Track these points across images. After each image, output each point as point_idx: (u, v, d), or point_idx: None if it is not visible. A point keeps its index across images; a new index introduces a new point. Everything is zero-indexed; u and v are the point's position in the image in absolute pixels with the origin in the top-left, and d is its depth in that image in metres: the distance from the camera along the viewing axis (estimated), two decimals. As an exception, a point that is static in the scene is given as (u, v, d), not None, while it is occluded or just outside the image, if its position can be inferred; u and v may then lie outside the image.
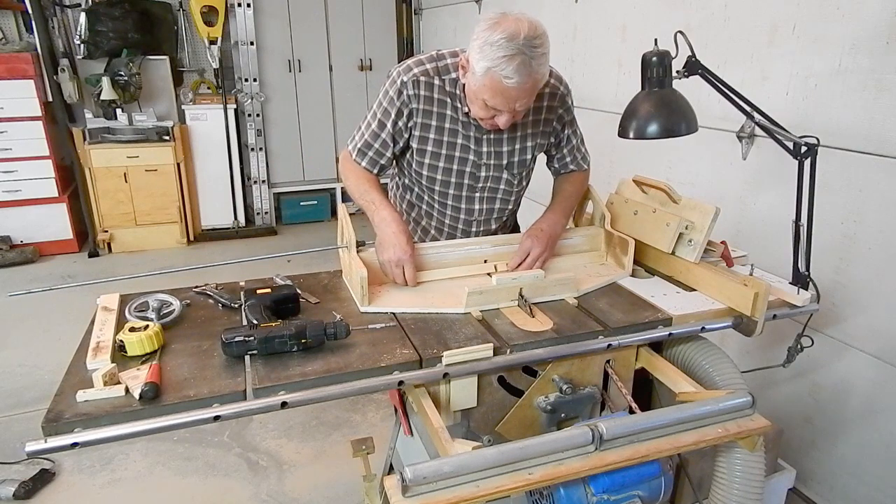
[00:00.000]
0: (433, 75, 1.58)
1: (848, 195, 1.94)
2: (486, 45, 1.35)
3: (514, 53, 1.33)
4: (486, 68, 1.36)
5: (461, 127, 1.62)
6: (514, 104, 1.43)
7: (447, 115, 1.61)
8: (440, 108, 1.60)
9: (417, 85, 1.57)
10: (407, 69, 1.59)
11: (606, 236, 1.73)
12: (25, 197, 4.52)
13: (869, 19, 1.83)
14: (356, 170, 1.68)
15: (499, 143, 1.66)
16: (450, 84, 1.58)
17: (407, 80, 1.57)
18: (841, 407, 2.07)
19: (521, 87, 1.37)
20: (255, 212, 5.47)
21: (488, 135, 1.64)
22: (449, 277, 1.60)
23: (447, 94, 1.59)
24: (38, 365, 3.18)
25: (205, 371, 1.18)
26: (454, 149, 1.64)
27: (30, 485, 2.28)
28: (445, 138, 1.63)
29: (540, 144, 1.72)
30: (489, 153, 1.66)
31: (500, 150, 1.67)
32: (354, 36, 5.46)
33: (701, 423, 1.22)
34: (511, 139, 1.66)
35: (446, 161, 1.66)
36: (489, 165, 1.68)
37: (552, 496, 1.21)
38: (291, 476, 2.42)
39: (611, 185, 1.84)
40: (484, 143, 1.65)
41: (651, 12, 2.78)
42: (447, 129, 1.62)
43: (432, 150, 1.65)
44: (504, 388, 1.37)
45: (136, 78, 4.64)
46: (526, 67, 1.34)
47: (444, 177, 1.69)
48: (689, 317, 1.44)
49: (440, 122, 1.61)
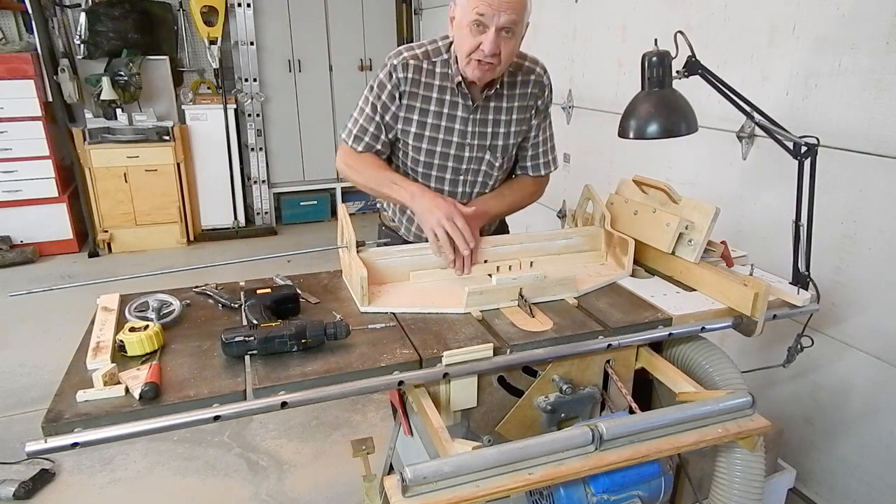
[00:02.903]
0: (422, 59, 1.64)
1: (848, 195, 1.94)
2: None
3: None
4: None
5: (447, 108, 1.67)
6: (498, 11, 1.47)
7: (432, 98, 1.66)
8: (426, 90, 1.65)
9: (406, 68, 1.63)
10: (397, 53, 1.66)
11: (606, 236, 1.73)
12: (25, 197, 4.52)
13: (869, 19, 1.83)
14: (359, 158, 1.71)
15: (483, 123, 1.70)
16: (441, 65, 1.64)
17: (397, 63, 1.63)
18: (841, 407, 2.07)
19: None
20: (255, 212, 5.48)
21: (474, 114, 1.68)
22: (449, 278, 1.60)
23: (436, 75, 1.64)
24: (38, 365, 3.18)
25: (205, 371, 1.18)
26: (438, 130, 1.69)
27: (30, 485, 2.28)
28: (430, 120, 1.68)
29: (521, 131, 1.76)
30: (473, 133, 1.70)
31: (485, 131, 1.71)
32: (354, 36, 5.46)
33: (701, 423, 1.22)
34: (495, 121, 1.71)
35: (430, 143, 1.70)
36: (473, 146, 1.71)
37: (552, 496, 1.21)
38: (291, 476, 2.42)
39: (611, 185, 1.84)
40: (469, 124, 1.69)
41: (651, 12, 2.78)
42: (432, 111, 1.67)
43: (416, 131, 1.69)
44: (504, 388, 1.37)
45: (136, 78, 4.64)
46: None
47: (428, 158, 1.72)
48: (689, 317, 1.44)
49: (425, 103, 1.66)
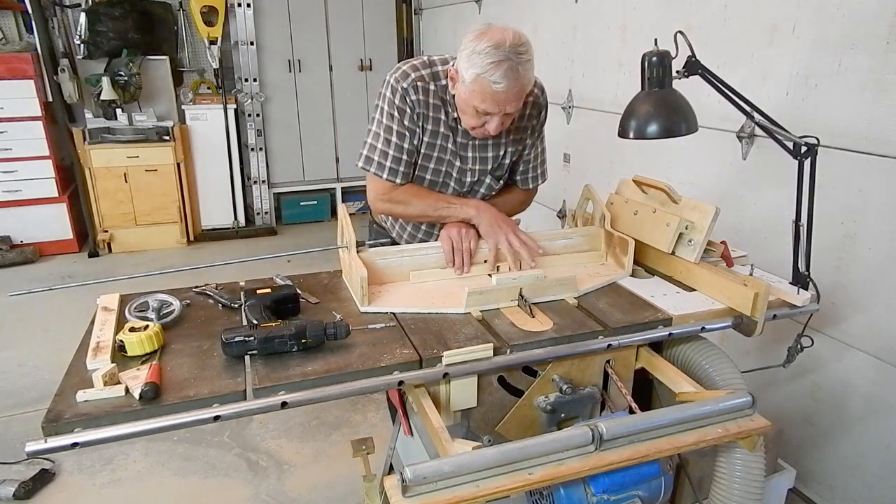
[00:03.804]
0: (428, 81, 1.61)
1: (848, 195, 1.94)
2: (473, 54, 1.41)
3: (501, 59, 1.38)
4: (476, 75, 1.41)
5: (450, 132, 1.66)
6: (503, 108, 1.47)
7: (441, 120, 1.64)
8: (435, 112, 1.63)
9: (417, 91, 1.60)
10: (404, 75, 1.60)
11: (606, 236, 1.73)
12: (25, 197, 4.52)
13: (869, 19, 1.83)
14: (402, 192, 1.68)
15: (483, 148, 1.70)
16: (441, 90, 1.62)
17: (408, 87, 1.59)
18: (841, 407, 2.07)
19: (508, 91, 1.43)
20: (255, 212, 5.48)
21: (473, 141, 1.67)
22: (449, 277, 1.60)
23: (440, 99, 1.62)
24: (38, 365, 3.18)
25: (205, 371, 1.18)
26: (444, 152, 1.68)
27: (30, 485, 2.28)
28: (438, 141, 1.66)
29: (518, 150, 1.76)
30: (474, 158, 1.71)
31: (486, 156, 1.71)
32: (354, 36, 5.46)
33: (701, 424, 1.22)
34: (495, 145, 1.71)
35: (436, 163, 1.70)
36: (474, 171, 1.72)
37: (552, 496, 1.21)
38: (291, 476, 2.42)
39: (611, 185, 1.84)
40: (469, 149, 1.69)
41: (651, 12, 2.78)
42: (440, 134, 1.66)
43: (424, 151, 1.67)
44: (504, 388, 1.37)
45: (136, 78, 4.64)
46: (513, 72, 1.40)
47: (433, 177, 1.72)
48: (689, 317, 1.44)
49: (435, 126, 1.64)
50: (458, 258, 1.59)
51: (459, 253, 1.59)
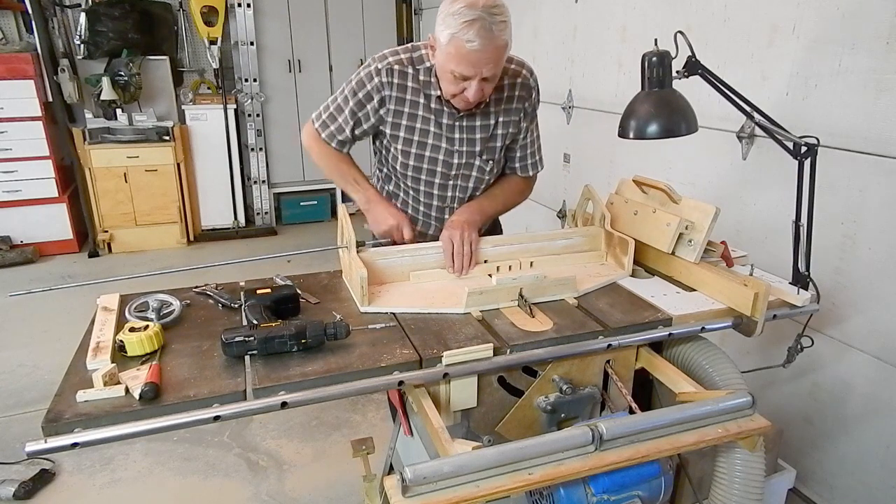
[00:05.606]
0: (407, 65, 1.63)
1: (848, 195, 1.94)
2: (447, 16, 1.43)
3: (474, 18, 1.40)
4: (450, 35, 1.43)
5: (433, 115, 1.66)
6: (480, 70, 1.47)
7: (420, 103, 1.65)
8: (413, 95, 1.64)
9: (391, 73, 1.62)
10: (382, 57, 1.65)
11: (606, 236, 1.73)
12: (25, 197, 4.52)
13: (869, 19, 1.83)
14: (325, 148, 1.77)
15: (471, 129, 1.70)
16: (424, 73, 1.63)
17: (381, 67, 1.62)
18: (841, 407, 2.07)
19: (483, 51, 1.43)
20: (255, 212, 5.48)
21: (460, 121, 1.67)
22: (449, 277, 1.60)
23: (420, 82, 1.63)
24: (38, 365, 3.18)
25: (205, 371, 1.18)
26: (427, 136, 1.69)
27: (30, 485, 2.28)
28: (418, 125, 1.67)
29: (510, 133, 1.75)
30: (461, 140, 1.70)
31: (473, 137, 1.71)
32: (354, 36, 5.46)
33: (701, 424, 1.22)
34: (483, 126, 1.70)
35: (418, 147, 1.70)
36: (462, 152, 1.72)
37: (552, 496, 1.21)
38: (291, 476, 2.42)
39: (611, 185, 1.84)
40: (456, 130, 1.69)
41: (651, 12, 2.78)
42: (420, 117, 1.67)
43: (404, 136, 1.69)
44: (504, 389, 1.37)
45: (136, 78, 4.64)
46: (487, 32, 1.40)
47: (417, 163, 1.72)
48: (689, 317, 1.44)
49: (413, 109, 1.66)
50: (458, 261, 1.58)
51: (460, 256, 1.58)
